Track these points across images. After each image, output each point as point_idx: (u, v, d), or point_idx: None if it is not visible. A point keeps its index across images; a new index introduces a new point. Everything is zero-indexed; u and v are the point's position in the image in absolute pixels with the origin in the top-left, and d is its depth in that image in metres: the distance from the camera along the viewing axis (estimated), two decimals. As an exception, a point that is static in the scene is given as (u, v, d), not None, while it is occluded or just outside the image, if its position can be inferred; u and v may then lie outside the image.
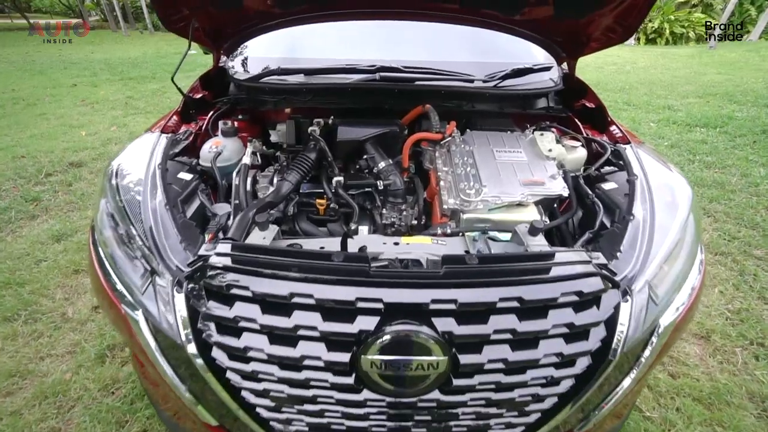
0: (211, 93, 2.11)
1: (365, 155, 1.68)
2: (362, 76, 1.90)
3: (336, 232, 1.62)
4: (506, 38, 2.41)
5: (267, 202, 1.47)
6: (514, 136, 1.86)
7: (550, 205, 1.66)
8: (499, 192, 1.54)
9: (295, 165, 1.60)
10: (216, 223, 1.34)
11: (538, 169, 1.66)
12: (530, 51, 2.38)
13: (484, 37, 2.37)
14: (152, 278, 1.11)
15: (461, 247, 1.39)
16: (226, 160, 1.74)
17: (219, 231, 1.33)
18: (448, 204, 1.54)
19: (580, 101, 2.16)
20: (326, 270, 0.99)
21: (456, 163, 1.66)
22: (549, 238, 1.57)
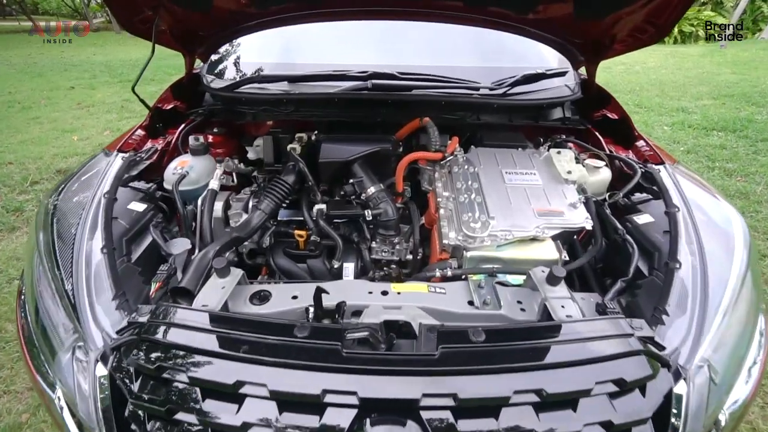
0: (184, 103, 1.88)
1: (352, 179, 1.44)
2: (352, 83, 1.66)
3: (317, 270, 1.38)
4: (515, 40, 2.14)
5: (233, 238, 1.23)
6: (526, 154, 1.61)
7: (570, 238, 1.41)
8: (509, 225, 1.30)
9: (269, 191, 1.37)
10: (168, 267, 1.11)
11: (555, 196, 1.41)
12: (542, 54, 2.13)
13: (490, 39, 2.12)
14: (73, 349, 0.88)
15: (464, 297, 1.15)
16: (192, 183, 1.51)
17: (170, 278, 1.09)
18: (448, 239, 1.29)
19: (600, 111, 1.91)
20: (286, 350, 0.76)
21: (459, 188, 1.41)
22: (567, 279, 1.32)
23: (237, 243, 1.27)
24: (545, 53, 2.12)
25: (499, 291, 1.17)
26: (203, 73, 1.88)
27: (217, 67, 1.92)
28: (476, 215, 1.31)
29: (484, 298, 1.13)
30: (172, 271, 1.11)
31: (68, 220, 1.17)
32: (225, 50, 1.98)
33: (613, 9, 1.44)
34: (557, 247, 1.30)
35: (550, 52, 2.13)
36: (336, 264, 1.32)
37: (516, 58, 2.11)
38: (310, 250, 1.37)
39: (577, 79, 1.92)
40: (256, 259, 1.53)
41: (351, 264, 1.37)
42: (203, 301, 1.01)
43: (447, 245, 1.30)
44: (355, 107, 1.68)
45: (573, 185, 1.46)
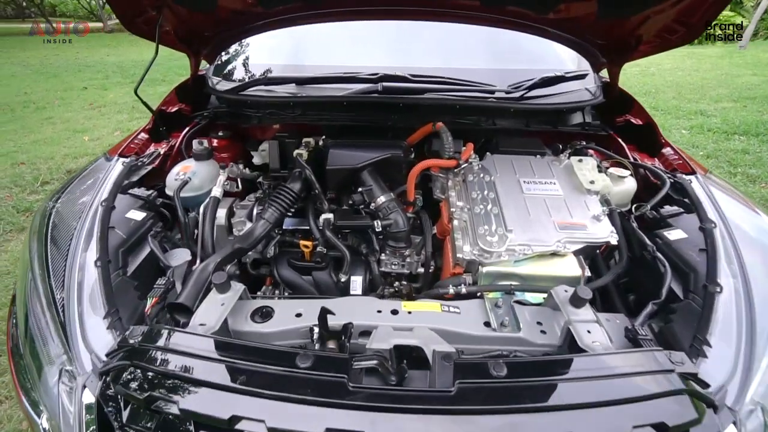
0: (189, 106, 1.83)
1: (361, 187, 1.37)
2: (361, 86, 1.59)
3: (323, 283, 1.31)
4: (531, 41, 2.05)
5: (235, 249, 1.17)
6: (544, 162, 1.52)
7: (592, 253, 1.32)
8: (528, 239, 1.21)
9: (274, 199, 1.30)
10: (166, 281, 1.05)
11: (577, 207, 1.32)
12: (560, 56, 2.04)
13: (505, 40, 2.03)
14: (60, 371, 0.82)
15: (480, 317, 1.07)
16: (195, 189, 1.45)
17: (167, 292, 1.03)
18: (463, 252, 1.21)
19: (622, 116, 1.81)
20: (287, 382, 0.68)
21: (474, 198, 1.33)
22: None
23: (239, 255, 1.20)
24: (563, 55, 2.03)
25: (517, 311, 1.08)
26: (209, 75, 1.83)
27: (222, 69, 1.86)
28: (493, 228, 1.23)
29: (502, 319, 1.05)
30: (170, 285, 1.04)
31: (64, 227, 1.12)
32: (231, 51, 1.93)
33: (641, 8, 1.35)
34: (580, 263, 1.21)
35: (568, 54, 2.03)
36: (343, 277, 1.25)
37: (532, 59, 2.02)
38: (316, 262, 1.30)
39: (597, 82, 1.82)
40: (260, 269, 1.47)
41: (359, 277, 1.29)
42: (201, 318, 0.95)
43: (461, 259, 1.22)
44: (364, 111, 1.61)
45: (596, 196, 1.37)
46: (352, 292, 1.29)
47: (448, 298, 1.17)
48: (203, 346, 0.75)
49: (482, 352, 1.03)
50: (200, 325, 0.92)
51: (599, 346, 0.89)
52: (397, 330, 0.96)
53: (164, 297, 1.02)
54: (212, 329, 0.91)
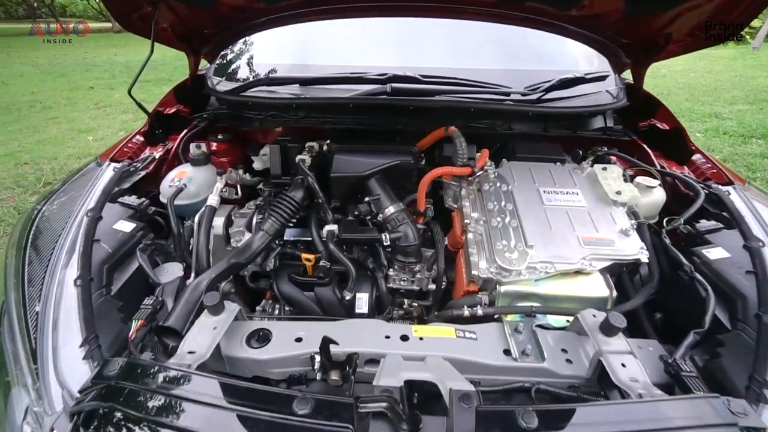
0: (188, 107, 1.74)
1: (368, 196, 1.27)
2: (369, 87, 1.49)
3: (326, 300, 1.21)
4: (547, 40, 1.95)
5: (230, 264, 1.08)
6: (565, 170, 1.41)
7: (619, 271, 1.21)
8: (551, 255, 1.11)
9: (274, 209, 1.21)
10: (154, 300, 0.96)
11: (602, 220, 1.21)
12: (578, 56, 1.93)
13: (519, 39, 1.94)
14: (27, 410, 0.73)
15: (499, 343, 0.96)
16: (191, 197, 1.37)
17: (155, 313, 0.94)
18: (479, 270, 1.11)
19: (646, 121, 1.69)
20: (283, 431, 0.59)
21: (490, 209, 1.23)
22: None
23: (235, 270, 1.11)
24: (581, 55, 1.92)
25: (539, 336, 0.98)
26: (209, 75, 1.74)
27: (223, 69, 1.78)
28: (512, 243, 1.12)
29: (524, 346, 0.95)
30: (159, 305, 0.95)
31: (49, 237, 1.03)
32: (232, 50, 1.84)
33: (674, 3, 1.24)
34: (607, 283, 1.11)
35: (586, 54, 1.92)
36: (348, 295, 1.15)
37: (547, 60, 1.91)
38: (318, 277, 1.21)
39: (619, 84, 1.71)
40: (259, 283, 1.38)
41: (365, 295, 1.20)
42: (190, 345, 0.86)
43: (476, 276, 1.12)
44: (372, 114, 1.51)
45: (622, 208, 1.26)
46: (357, 310, 1.20)
47: (463, 320, 1.07)
48: (190, 385, 0.65)
49: (501, 384, 0.92)
50: (189, 353, 0.83)
51: (638, 385, 0.78)
52: (407, 360, 0.87)
53: (152, 318, 0.93)
54: (202, 358, 0.82)
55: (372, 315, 1.21)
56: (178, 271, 1.09)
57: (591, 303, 1.10)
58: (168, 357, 0.88)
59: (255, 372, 0.95)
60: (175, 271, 1.09)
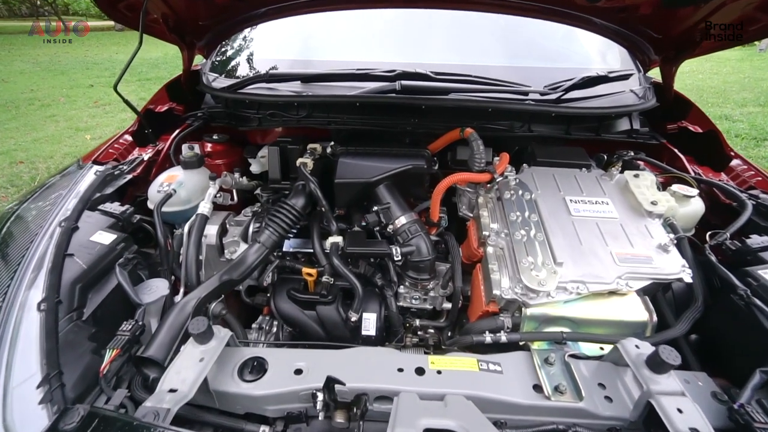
0: (182, 106, 1.63)
1: (376, 205, 1.15)
2: (376, 84, 1.37)
3: (329, 320, 1.09)
4: (564, 35, 1.86)
5: (222, 282, 0.96)
6: (593, 177, 1.29)
7: (655, 290, 1.08)
8: (582, 274, 0.98)
9: (272, 219, 1.09)
10: (132, 326, 0.83)
11: (637, 234, 1.09)
12: (598, 53, 1.82)
13: (535, 34, 1.84)
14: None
15: (528, 377, 0.84)
16: (182, 203, 1.25)
17: (134, 341, 0.82)
18: (501, 289, 0.99)
19: (675, 123, 1.57)
20: None
21: (512, 220, 1.10)
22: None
23: (228, 288, 0.99)
24: (601, 51, 1.81)
25: (573, 368, 0.85)
26: (204, 71, 1.62)
27: (219, 64, 1.66)
28: (539, 259, 1.00)
29: (557, 382, 0.82)
30: (138, 330, 0.83)
31: (11, 253, 0.91)
32: (229, 44, 1.72)
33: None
34: (646, 306, 0.98)
35: (607, 51, 1.81)
36: (353, 316, 1.03)
37: (564, 57, 1.80)
38: (321, 295, 1.08)
39: (645, 83, 1.58)
40: (255, 297, 1.26)
41: (372, 315, 1.07)
42: (172, 381, 0.74)
43: (498, 297, 0.99)
44: (379, 114, 1.39)
45: (658, 220, 1.13)
46: (364, 332, 1.07)
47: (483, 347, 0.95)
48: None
49: (532, 425, 0.80)
50: (170, 392, 0.71)
51: (701, 438, 0.66)
52: (424, 398, 0.74)
53: (130, 346, 0.80)
54: (184, 398, 0.70)
55: (380, 336, 1.09)
56: (163, 289, 0.97)
57: (628, 328, 0.98)
58: (149, 392, 0.76)
59: (248, 408, 0.83)
60: (160, 288, 0.97)
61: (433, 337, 1.09)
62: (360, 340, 1.09)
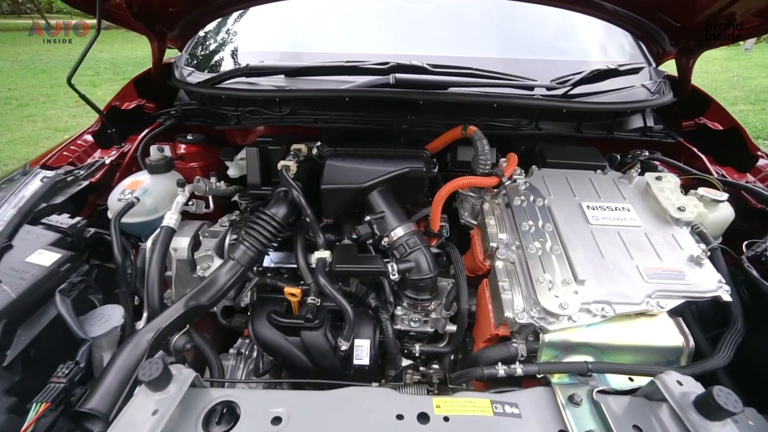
0: (153, 103, 1.47)
1: (369, 214, 1.00)
2: (368, 78, 1.23)
3: (316, 348, 0.94)
4: (568, 24, 1.76)
5: (188, 309, 0.81)
6: (609, 180, 1.16)
7: (684, 308, 0.96)
8: (607, 293, 0.85)
9: (249, 232, 0.94)
10: (71, 370, 0.68)
11: (664, 244, 0.96)
12: (604, 44, 1.71)
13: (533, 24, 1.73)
14: None
15: (552, 423, 0.70)
16: (147, 213, 1.10)
17: (70, 390, 0.66)
18: (514, 311, 0.85)
19: (692, 120, 1.45)
20: None
21: (525, 230, 0.97)
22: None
23: (195, 315, 0.84)
24: (610, 43, 1.69)
25: (604, 408, 0.72)
26: (178, 64, 1.46)
27: (195, 57, 1.50)
28: (557, 276, 0.87)
29: (587, 428, 0.69)
30: (77, 375, 0.68)
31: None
32: (206, 35, 1.56)
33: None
34: (680, 328, 0.85)
35: (616, 42, 1.70)
36: (344, 345, 0.88)
37: (569, 49, 1.68)
38: (306, 318, 0.94)
39: (655, 77, 1.46)
40: (233, 319, 1.11)
41: (366, 341, 0.93)
42: (115, 443, 0.59)
43: (511, 320, 0.86)
44: (372, 110, 1.25)
45: (686, 228, 1.01)
46: (356, 360, 0.93)
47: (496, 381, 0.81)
48: None
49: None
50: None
51: None
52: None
53: (66, 396, 0.65)
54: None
55: (375, 365, 0.95)
56: (116, 318, 0.81)
57: (660, 355, 0.85)
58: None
59: (215, 469, 0.68)
60: (114, 316, 0.82)
61: (438, 373, 0.95)
62: (351, 371, 0.95)
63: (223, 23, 1.61)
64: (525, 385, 0.91)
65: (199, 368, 1.13)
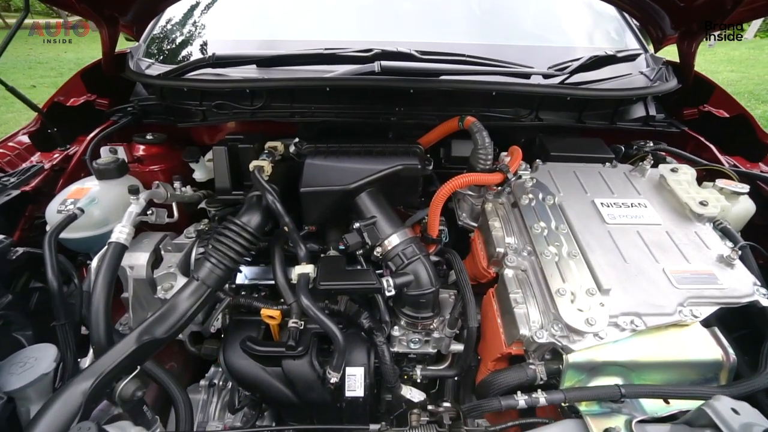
0: (107, 98, 1.29)
1: (359, 221, 0.87)
2: (349, 67, 1.09)
3: (300, 380, 0.80)
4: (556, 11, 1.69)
5: (142, 344, 0.65)
6: (620, 173, 1.06)
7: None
8: (635, 303, 0.75)
9: (216, 245, 0.79)
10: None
11: (689, 243, 0.86)
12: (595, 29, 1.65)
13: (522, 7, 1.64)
14: None
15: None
16: (96, 226, 0.94)
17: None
18: (531, 329, 0.73)
19: (694, 108, 1.37)
20: None
21: (536, 233, 0.85)
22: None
23: (149, 352, 0.68)
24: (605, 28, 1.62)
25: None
26: (135, 55, 1.28)
27: (155, 48, 1.33)
28: (578, 286, 0.75)
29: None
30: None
31: None
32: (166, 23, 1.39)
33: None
34: (716, 339, 0.75)
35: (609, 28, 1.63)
36: (333, 377, 0.74)
37: (558, 36, 1.60)
38: (287, 346, 0.79)
39: (653, 64, 1.39)
40: (203, 346, 0.95)
41: (359, 370, 0.80)
42: None
43: (527, 339, 0.74)
44: (356, 102, 1.11)
45: (709, 224, 0.92)
46: (348, 392, 0.80)
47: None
48: None
49: None
50: None
51: None
52: None
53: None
54: None
55: (370, 396, 0.82)
56: (47, 362, 0.65)
57: (697, 371, 0.75)
58: None
59: None
60: (43, 360, 0.65)
61: (449, 411, 0.82)
62: (344, 403, 0.81)
63: (188, 12, 1.44)
64: (539, 413, 0.80)
65: (164, 405, 0.97)
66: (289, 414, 0.90)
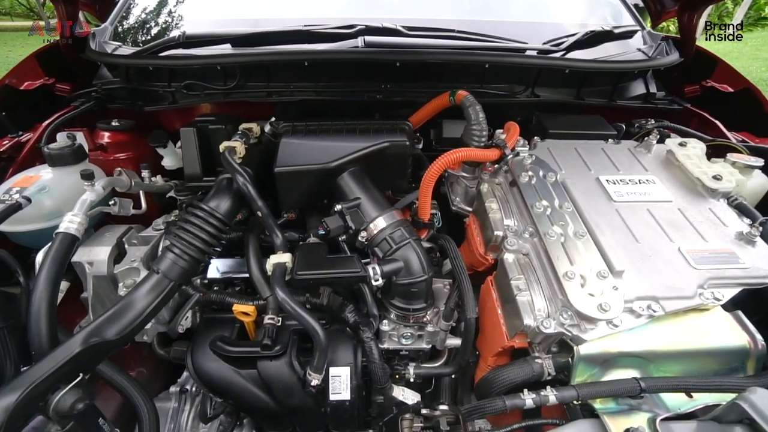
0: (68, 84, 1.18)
1: (341, 203, 0.77)
2: (331, 45, 1.00)
3: (279, 383, 0.71)
4: None
5: (89, 346, 0.56)
6: (624, 149, 0.99)
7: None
8: (651, 286, 0.67)
9: (180, 234, 0.70)
10: None
11: (704, 221, 0.79)
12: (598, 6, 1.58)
13: None
14: None
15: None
16: (46, 217, 0.84)
17: None
18: (536, 319, 0.65)
19: (696, 84, 1.31)
20: None
21: (538, 212, 0.77)
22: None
23: (95, 358, 0.59)
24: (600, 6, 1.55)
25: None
26: (102, 39, 1.18)
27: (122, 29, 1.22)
28: (588, 268, 0.67)
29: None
30: None
31: None
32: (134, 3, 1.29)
33: None
34: (741, 324, 0.68)
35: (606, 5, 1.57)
36: (314, 380, 0.65)
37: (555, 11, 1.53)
38: (263, 346, 0.70)
39: (650, 42, 1.32)
40: (171, 349, 0.86)
41: (344, 370, 0.71)
42: None
43: (531, 329, 0.66)
44: (338, 78, 1.02)
45: (723, 201, 0.84)
46: (332, 395, 0.71)
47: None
48: None
49: None
50: None
51: None
52: None
53: None
54: None
55: (358, 398, 0.73)
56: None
57: (722, 360, 0.68)
58: None
59: None
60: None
61: (447, 415, 0.73)
62: (328, 408, 0.72)
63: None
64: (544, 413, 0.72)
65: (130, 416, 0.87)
66: (268, 422, 0.81)
